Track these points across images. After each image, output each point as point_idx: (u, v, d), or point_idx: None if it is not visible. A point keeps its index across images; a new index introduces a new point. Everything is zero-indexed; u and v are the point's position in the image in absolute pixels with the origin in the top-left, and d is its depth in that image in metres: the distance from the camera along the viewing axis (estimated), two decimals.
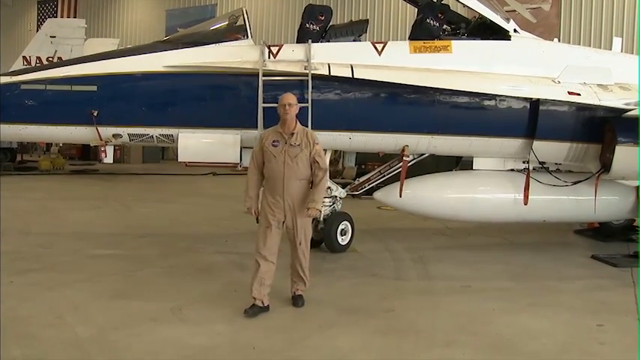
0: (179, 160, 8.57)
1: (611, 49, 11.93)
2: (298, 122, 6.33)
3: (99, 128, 8.22)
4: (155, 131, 8.48)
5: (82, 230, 10.75)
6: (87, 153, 26.26)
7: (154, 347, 5.30)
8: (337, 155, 13.02)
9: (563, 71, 9.15)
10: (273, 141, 6.23)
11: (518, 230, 10.98)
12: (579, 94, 8.93)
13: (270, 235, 6.19)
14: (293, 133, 6.21)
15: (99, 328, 5.67)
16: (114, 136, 8.41)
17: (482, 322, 6.18)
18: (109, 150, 8.66)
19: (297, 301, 6.46)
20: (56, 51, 21.20)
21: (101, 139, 8.35)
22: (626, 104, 8.93)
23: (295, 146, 6.19)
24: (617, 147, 8.57)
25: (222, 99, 8.34)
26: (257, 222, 6.38)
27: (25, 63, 20.84)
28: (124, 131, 8.43)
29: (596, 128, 8.95)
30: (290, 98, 6.27)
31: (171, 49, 8.46)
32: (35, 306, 6.26)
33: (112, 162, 9.14)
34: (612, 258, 9.14)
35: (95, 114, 8.09)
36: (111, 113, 8.21)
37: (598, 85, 9.19)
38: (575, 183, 9.37)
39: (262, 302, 6.13)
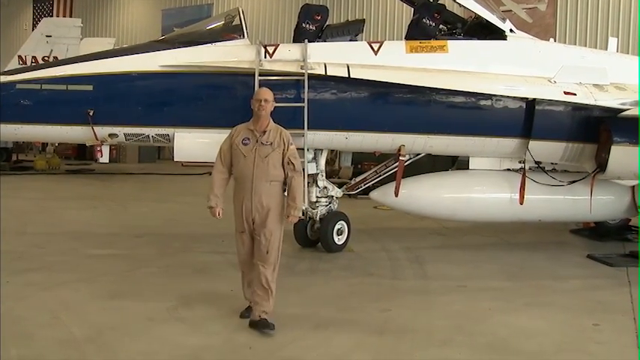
0: (175, 159, 8.57)
1: (606, 49, 11.96)
2: (271, 120, 5.93)
3: (95, 128, 8.19)
4: (151, 131, 8.47)
5: (78, 230, 10.73)
6: (83, 153, 26.16)
7: (150, 347, 5.29)
8: (334, 155, 13.02)
9: (559, 71, 9.16)
10: (244, 139, 5.83)
11: (514, 230, 10.99)
12: (575, 94, 8.95)
13: (247, 238, 5.87)
14: (265, 131, 5.81)
15: (95, 328, 5.66)
16: (110, 135, 8.39)
17: (479, 321, 6.19)
18: (105, 150, 8.64)
19: (263, 327, 5.60)
20: (52, 50, 21.17)
21: (97, 139, 8.33)
22: (622, 104, 8.97)
23: (267, 145, 5.77)
24: (612, 147, 8.60)
25: (218, 99, 8.33)
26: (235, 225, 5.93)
27: (21, 62, 20.81)
28: (120, 131, 8.42)
29: (592, 128, 8.97)
30: (266, 94, 5.91)
31: (167, 49, 8.44)
32: (31, 306, 6.25)
33: (107, 162, 9.13)
34: (608, 257, 9.16)
35: (91, 113, 8.07)
36: (107, 113, 8.18)
37: (594, 85, 9.20)
38: (571, 183, 9.40)
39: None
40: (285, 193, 5.87)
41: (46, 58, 20.72)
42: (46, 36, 21.49)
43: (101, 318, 5.94)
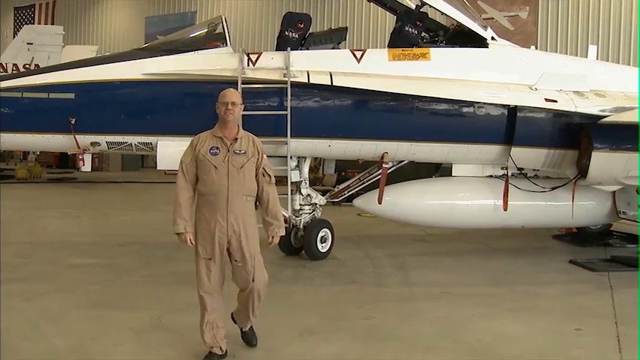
0: (158, 167, 8.53)
1: (586, 57, 12.10)
2: (240, 126, 5.30)
3: (77, 136, 8.15)
4: (134, 139, 8.44)
5: (60, 239, 10.64)
6: (65, 161, 25.97)
7: (132, 357, 5.25)
8: (317, 162, 13.04)
9: (540, 78, 9.26)
10: (212, 148, 5.04)
11: (497, 236, 11.06)
12: (556, 101, 9.05)
13: (215, 267, 5.07)
14: (237, 139, 5.10)
15: (77, 339, 5.60)
16: (92, 144, 8.35)
17: (463, 327, 6.20)
18: (87, 158, 8.59)
19: (251, 339, 5.46)
20: (33, 58, 21.03)
21: (79, 148, 8.29)
22: (602, 111, 9.08)
23: (241, 154, 5.06)
24: (593, 153, 8.70)
25: (201, 107, 8.29)
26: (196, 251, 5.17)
27: (1, 70, 20.62)
28: (103, 139, 8.38)
29: (573, 134, 9.08)
30: (233, 95, 5.20)
31: (150, 57, 8.43)
32: (12, 317, 6.15)
33: (90, 170, 9.09)
34: (590, 262, 9.24)
35: (73, 122, 8.03)
36: (89, 121, 8.15)
37: (574, 92, 9.31)
38: (553, 189, 9.49)
39: (220, 349, 5.12)
40: (262, 210, 5.21)
41: (28, 66, 20.58)
42: (28, 43, 21.35)
43: (83, 328, 5.89)
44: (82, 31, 34.00)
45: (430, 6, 9.03)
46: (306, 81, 8.27)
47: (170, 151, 8.35)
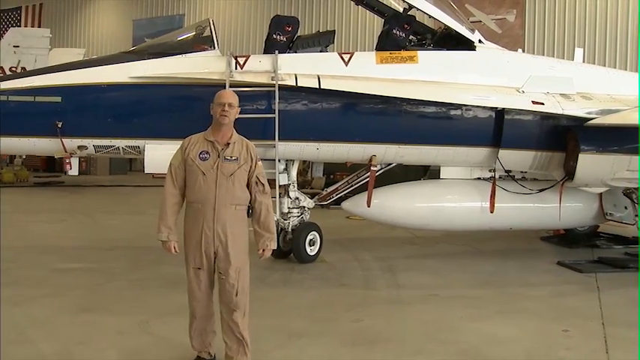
0: (146, 171, 8.48)
1: (573, 60, 12.18)
2: (234, 130, 4.95)
3: (63, 140, 8.10)
4: (121, 143, 8.40)
5: (47, 244, 10.56)
6: (52, 165, 25.79)
7: None
8: (306, 165, 13.03)
9: (527, 81, 9.30)
10: (201, 152, 4.76)
11: (485, 238, 11.09)
12: (543, 104, 9.10)
13: (205, 276, 4.84)
14: (229, 144, 4.81)
15: (64, 344, 5.56)
16: (79, 147, 8.31)
17: (451, 329, 6.22)
18: (74, 162, 8.53)
19: None
20: (20, 61, 20.87)
21: (66, 151, 8.24)
22: (588, 113, 9.14)
23: (231, 161, 4.76)
24: (580, 155, 8.75)
25: (189, 110, 8.29)
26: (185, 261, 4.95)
27: None
28: (90, 143, 8.33)
29: (560, 137, 9.13)
30: (230, 96, 4.92)
31: (138, 60, 8.40)
32: None
33: (77, 174, 9.00)
34: (577, 264, 9.30)
35: (59, 125, 7.98)
36: (76, 125, 8.10)
37: (561, 94, 9.36)
38: (540, 191, 9.54)
39: (209, 353, 5.02)
40: (253, 220, 4.92)
41: (14, 69, 20.42)
42: (14, 46, 21.18)
43: (70, 333, 5.84)
44: (69, 34, 33.83)
45: (418, 9, 9.05)
46: (294, 84, 8.26)
47: (158, 154, 8.32)
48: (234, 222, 4.78)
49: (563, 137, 9.11)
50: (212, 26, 8.69)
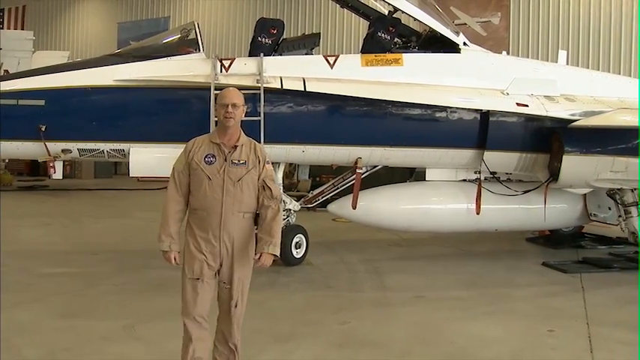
0: (131, 174, 8.47)
1: (557, 62, 12.27)
2: (242, 132, 4.58)
3: (47, 143, 8.03)
4: (106, 146, 8.35)
5: (31, 248, 10.45)
6: (36, 168, 25.57)
7: None
8: (292, 168, 13.03)
9: (511, 83, 9.36)
10: (207, 155, 4.40)
11: (471, 239, 11.14)
12: (527, 106, 9.17)
13: (203, 290, 4.41)
14: (236, 146, 4.44)
15: (48, 350, 5.51)
16: (63, 151, 8.24)
17: (437, 331, 6.24)
18: (58, 165, 8.46)
19: None
20: (2, 63, 20.64)
21: (50, 155, 8.17)
22: (572, 115, 9.21)
23: (239, 165, 4.40)
24: (564, 156, 8.80)
25: (174, 113, 8.26)
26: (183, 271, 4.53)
27: None
28: (74, 146, 8.27)
29: (544, 138, 9.19)
30: (235, 96, 4.48)
31: (122, 63, 8.37)
32: None
33: (61, 178, 8.96)
34: (562, 264, 9.38)
35: (43, 129, 7.91)
36: (60, 128, 8.04)
37: (545, 96, 9.43)
38: (525, 192, 9.59)
39: None
40: (258, 227, 4.53)
41: None
42: None
43: (54, 339, 5.79)
44: (52, 37, 33.55)
45: (403, 12, 9.08)
46: (279, 87, 8.26)
47: (143, 157, 8.30)
48: (241, 230, 4.41)
49: (548, 139, 9.16)
50: (197, 29, 8.67)
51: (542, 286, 8.35)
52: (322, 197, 9.89)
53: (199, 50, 8.52)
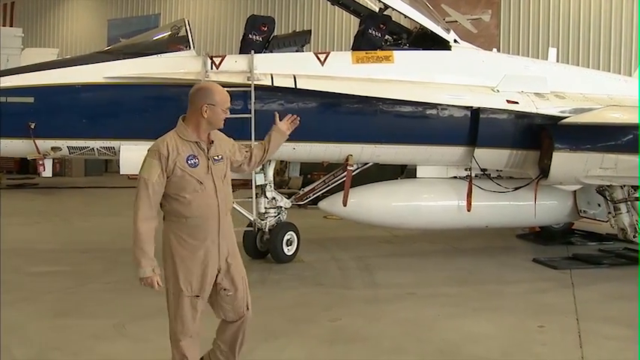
0: (121, 172, 8.41)
1: (547, 59, 12.32)
2: None
3: (36, 141, 7.98)
4: (96, 144, 8.30)
5: (21, 247, 10.39)
6: (26, 166, 25.41)
7: None
8: (283, 165, 13.01)
9: (501, 80, 9.38)
10: (189, 157, 3.99)
11: (462, 236, 11.17)
12: (517, 103, 9.19)
13: (201, 306, 4.12)
14: (212, 142, 4.14)
15: (38, 349, 5.50)
16: (53, 149, 8.19)
17: (428, 328, 6.26)
18: (48, 163, 8.40)
19: None
20: None
21: (39, 152, 8.12)
22: (562, 112, 9.25)
23: (219, 161, 4.13)
24: (554, 153, 8.83)
25: (164, 110, 8.19)
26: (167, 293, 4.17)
27: None
28: (64, 144, 8.22)
29: (534, 135, 9.21)
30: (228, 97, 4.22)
31: (112, 60, 8.32)
32: None
33: (51, 176, 8.88)
34: (552, 261, 9.41)
35: (32, 126, 7.86)
36: (49, 125, 7.99)
37: (535, 93, 9.46)
38: (515, 189, 9.61)
39: None
40: (258, 148, 4.56)
41: None
42: None
43: (45, 338, 5.77)
44: (42, 34, 33.34)
45: (393, 9, 9.08)
46: (270, 84, 8.25)
47: (133, 155, 8.23)
48: (231, 230, 4.19)
49: (538, 136, 9.19)
50: (187, 26, 8.64)
51: (532, 282, 8.38)
52: (313, 194, 9.88)
53: (190, 47, 8.49)
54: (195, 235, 4.00)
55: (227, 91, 4.26)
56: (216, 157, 4.10)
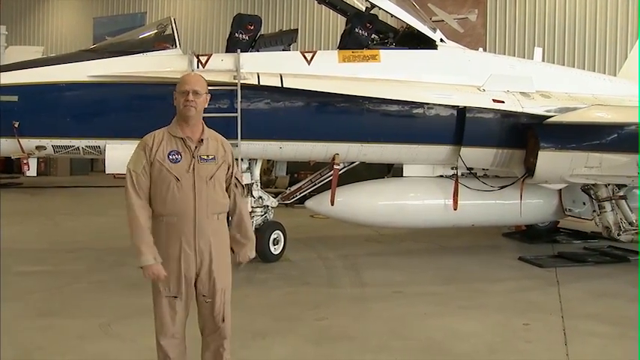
0: (107, 171, 8.36)
1: (532, 59, 12.39)
2: (204, 124, 4.16)
3: (21, 140, 7.92)
4: (81, 143, 8.26)
5: (6, 247, 10.24)
6: (10, 166, 25.17)
7: None
8: (270, 164, 13.00)
9: (487, 79, 9.42)
10: (171, 152, 3.91)
11: (448, 235, 11.21)
12: (503, 102, 9.23)
13: (180, 306, 4.02)
14: (202, 140, 4.00)
15: (23, 349, 5.44)
16: (37, 148, 8.14)
17: (414, 326, 6.28)
18: (32, 162, 8.36)
19: None
20: None
21: (23, 152, 8.06)
22: (547, 111, 9.30)
23: (209, 161, 3.98)
24: (539, 152, 8.89)
25: (150, 109, 8.18)
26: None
27: None
28: (48, 143, 8.17)
29: (520, 134, 9.26)
30: (196, 82, 4.04)
31: (98, 59, 8.28)
32: None
33: (36, 175, 8.83)
34: (538, 259, 9.47)
35: (16, 125, 7.80)
36: (33, 124, 7.94)
37: (521, 92, 9.50)
38: (501, 188, 9.66)
39: None
40: (231, 227, 4.21)
41: None
42: None
43: (30, 338, 5.72)
44: (26, 32, 33.05)
45: (380, 8, 9.09)
46: (257, 83, 8.23)
47: (119, 154, 8.19)
48: (217, 235, 4.01)
49: (524, 135, 9.24)
50: (173, 24, 8.62)
51: (518, 280, 8.43)
52: (300, 193, 9.88)
53: (176, 46, 8.46)
54: (169, 234, 3.92)
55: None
56: (204, 157, 3.96)
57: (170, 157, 3.90)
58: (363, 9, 9.58)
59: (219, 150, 4.06)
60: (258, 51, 8.84)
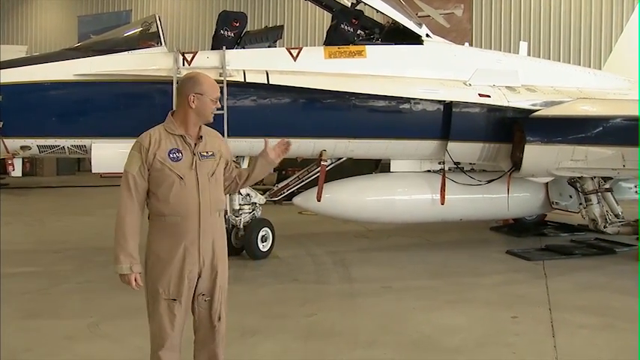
0: (93, 171, 8.33)
1: (518, 53, 12.44)
2: None
3: (5, 140, 7.86)
4: (66, 142, 8.21)
5: None
6: None
7: None
8: None
9: (473, 74, 9.44)
10: (171, 151, 3.82)
11: (437, 230, 11.24)
12: (489, 96, 9.26)
13: (180, 310, 3.86)
14: (201, 137, 3.93)
15: (10, 351, 5.39)
16: (22, 148, 8.08)
17: (403, 321, 6.29)
18: (17, 163, 8.29)
19: None
20: None
21: (8, 152, 8.00)
22: (533, 105, 9.35)
23: (209, 157, 3.91)
24: (526, 146, 8.93)
25: (135, 108, 8.15)
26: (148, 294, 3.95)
27: None
28: (33, 143, 8.11)
29: (506, 128, 9.31)
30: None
31: (82, 57, 8.22)
32: None
33: (21, 175, 8.77)
34: (526, 252, 9.52)
35: (0, 125, 7.74)
36: (18, 124, 7.88)
37: (506, 87, 9.54)
38: (488, 182, 9.71)
39: None
40: (242, 176, 4.20)
41: None
42: None
43: (17, 340, 5.67)
44: (10, 30, 32.76)
45: (366, 4, 9.09)
46: (243, 80, 8.21)
47: (105, 153, 8.17)
48: (219, 232, 3.96)
49: (510, 129, 9.29)
50: (158, 22, 8.59)
51: (506, 273, 8.47)
52: (288, 190, 9.87)
53: (161, 44, 8.43)
54: (172, 234, 3.80)
55: None
56: (204, 153, 3.89)
57: (171, 155, 3.81)
58: (349, 5, 9.58)
59: (216, 146, 4.01)
60: (243, 48, 8.82)
